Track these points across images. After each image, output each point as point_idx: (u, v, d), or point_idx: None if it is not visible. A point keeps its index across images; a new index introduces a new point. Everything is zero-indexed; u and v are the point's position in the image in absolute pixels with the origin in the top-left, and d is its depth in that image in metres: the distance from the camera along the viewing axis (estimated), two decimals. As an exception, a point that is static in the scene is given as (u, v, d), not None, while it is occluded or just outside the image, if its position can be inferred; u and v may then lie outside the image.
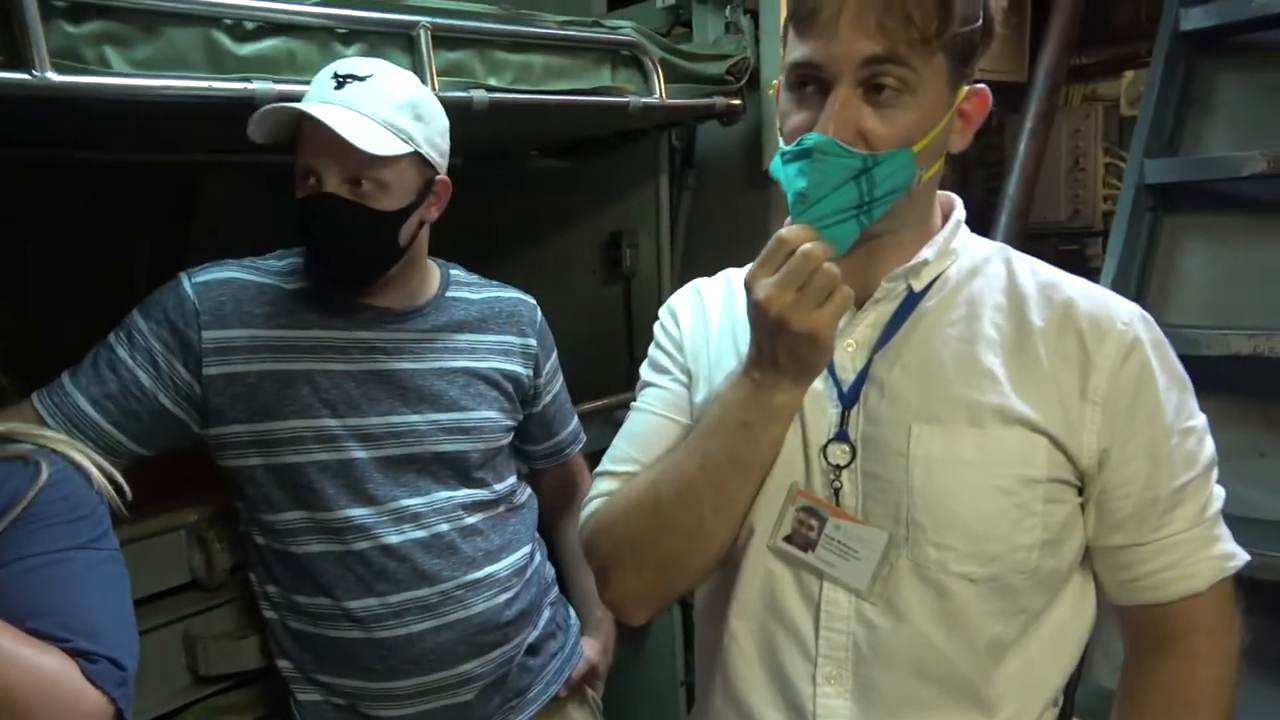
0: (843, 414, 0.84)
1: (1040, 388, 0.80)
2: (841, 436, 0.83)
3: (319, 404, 1.12)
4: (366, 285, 1.15)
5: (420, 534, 1.16)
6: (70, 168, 1.78)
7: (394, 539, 1.14)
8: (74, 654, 0.76)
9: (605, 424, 1.71)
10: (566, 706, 1.34)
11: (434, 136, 1.13)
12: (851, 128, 0.75)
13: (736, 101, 1.75)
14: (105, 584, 0.83)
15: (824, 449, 0.84)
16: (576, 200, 2.11)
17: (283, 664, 1.20)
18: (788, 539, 0.84)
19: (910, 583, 0.81)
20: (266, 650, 1.24)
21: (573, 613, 1.39)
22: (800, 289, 0.74)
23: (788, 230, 0.76)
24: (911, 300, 0.85)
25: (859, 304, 0.85)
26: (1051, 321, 0.82)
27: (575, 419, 1.44)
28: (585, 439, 1.47)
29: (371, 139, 1.04)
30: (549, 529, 1.38)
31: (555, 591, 1.35)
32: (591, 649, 1.38)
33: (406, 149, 1.08)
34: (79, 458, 0.90)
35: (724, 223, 2.02)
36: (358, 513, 1.13)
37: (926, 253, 0.84)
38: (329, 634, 1.15)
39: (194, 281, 1.12)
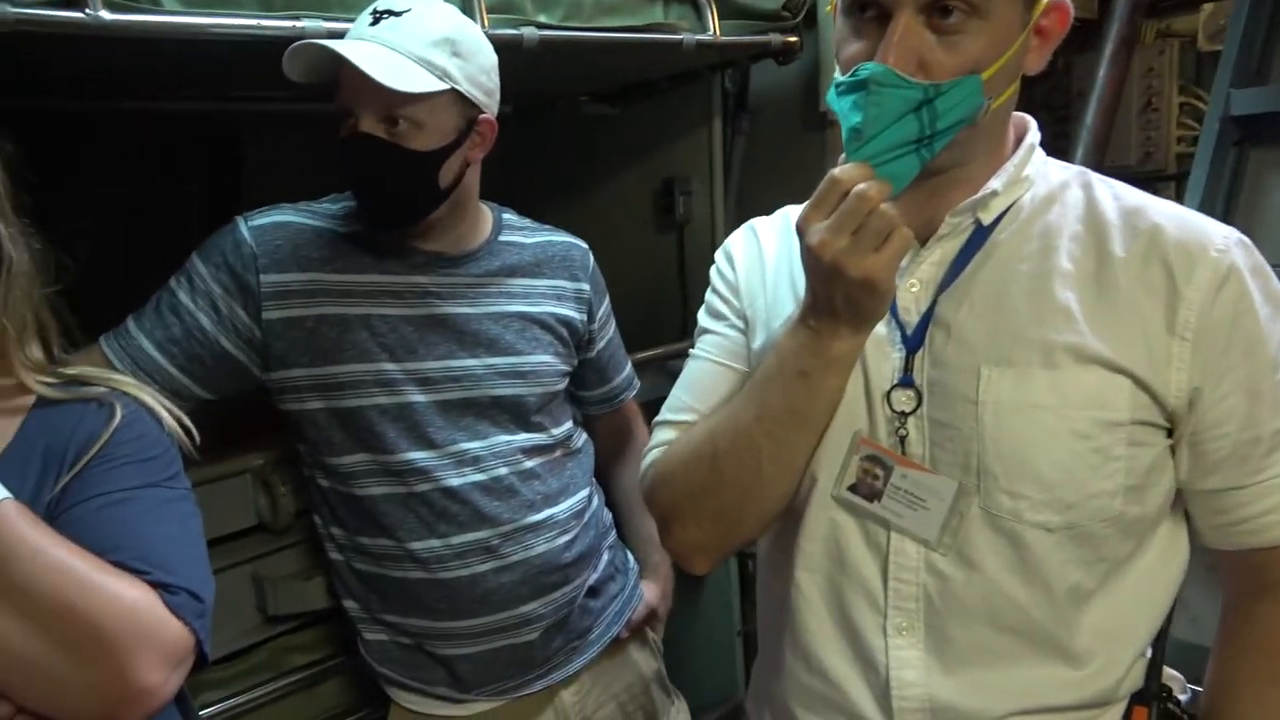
0: (907, 358, 0.81)
1: (1120, 324, 0.75)
2: (906, 382, 0.80)
3: (377, 348, 1.12)
4: (409, 226, 1.14)
5: (480, 477, 1.16)
6: (122, 118, 1.79)
7: (455, 482, 1.14)
8: (154, 585, 0.77)
9: (659, 374, 1.69)
10: (628, 648, 1.35)
11: (476, 74, 1.09)
12: (913, 57, 0.71)
13: (793, 38, 1.69)
14: (179, 520, 0.85)
15: (888, 395, 0.81)
16: (627, 147, 2.07)
17: (349, 604, 1.21)
18: (852, 489, 0.82)
19: (983, 532, 0.78)
20: (333, 591, 1.26)
21: (631, 557, 1.39)
22: (855, 233, 0.70)
23: (841, 169, 0.71)
24: (980, 235, 0.81)
25: (923, 241, 0.81)
26: (1135, 252, 0.77)
27: (629, 365, 1.43)
28: (639, 385, 1.45)
29: (402, 76, 1.01)
30: (604, 475, 1.38)
31: (613, 535, 1.35)
32: (651, 592, 1.38)
33: (441, 86, 1.05)
34: (149, 400, 0.91)
35: (779, 168, 1.97)
36: (418, 455, 1.13)
37: (995, 183, 0.79)
38: (393, 575, 1.16)
39: (250, 225, 1.12)
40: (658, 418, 0.94)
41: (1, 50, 1.07)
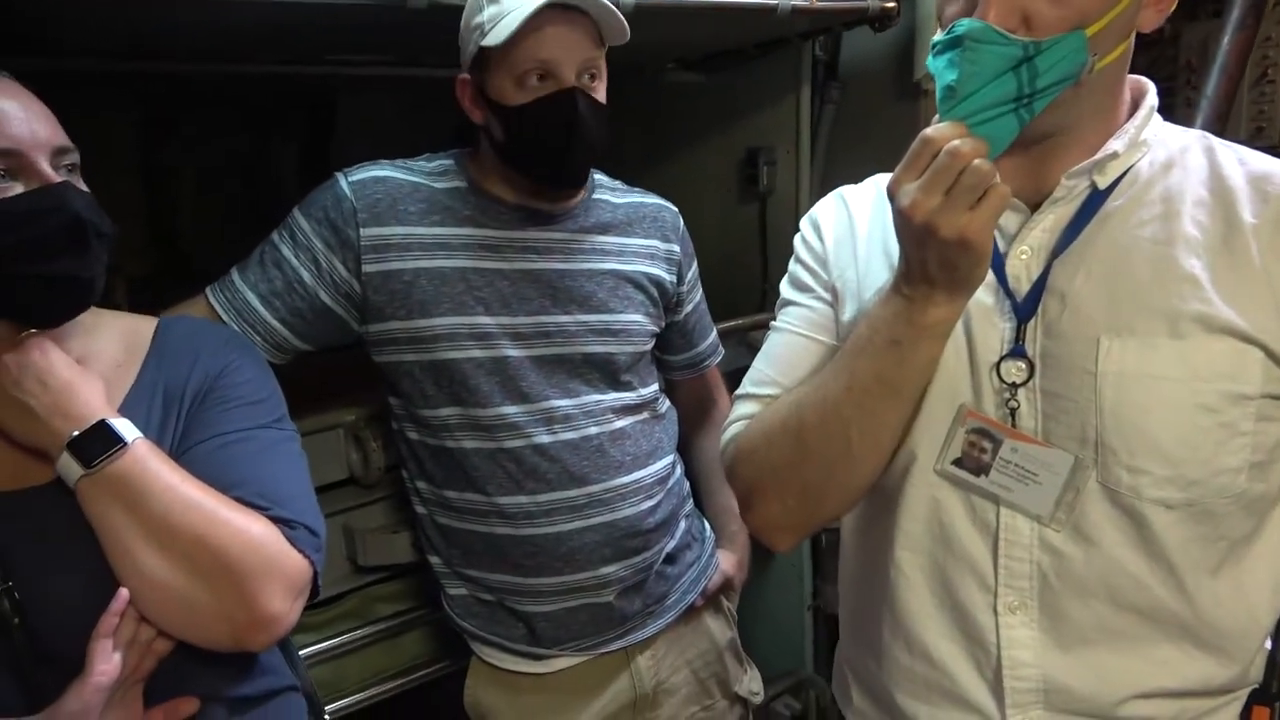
0: (1017, 328, 0.78)
1: (1253, 292, 0.72)
2: (1017, 352, 0.77)
3: (473, 301, 1.13)
4: (580, 185, 1.17)
5: (571, 435, 1.16)
6: (219, 81, 1.84)
7: (545, 439, 1.15)
8: (274, 520, 0.81)
9: (739, 344, 1.68)
10: (703, 616, 1.35)
11: None
12: (1015, 12, 0.68)
13: (891, 3, 1.63)
14: (291, 460, 0.88)
15: (996, 366, 0.78)
16: (711, 116, 2.04)
17: (433, 559, 1.24)
18: (957, 463, 0.79)
19: (1100, 507, 0.75)
20: (418, 545, 1.29)
21: (707, 526, 1.39)
22: (948, 191, 0.67)
23: (933, 129, 0.69)
24: (1095, 200, 0.77)
25: (1034, 207, 0.78)
26: (1266, 218, 0.73)
27: (714, 332, 1.42)
28: (724, 352, 1.44)
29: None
30: (684, 442, 1.38)
31: (691, 504, 1.35)
32: (728, 562, 1.37)
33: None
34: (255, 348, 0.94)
35: (868, 139, 1.92)
36: (511, 410, 1.14)
37: (1115, 144, 0.76)
38: (477, 529, 1.18)
39: (350, 180, 1.14)
40: (738, 391, 0.92)
41: (111, 18, 1.10)
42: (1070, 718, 0.78)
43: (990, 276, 0.78)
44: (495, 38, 1.03)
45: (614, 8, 1.06)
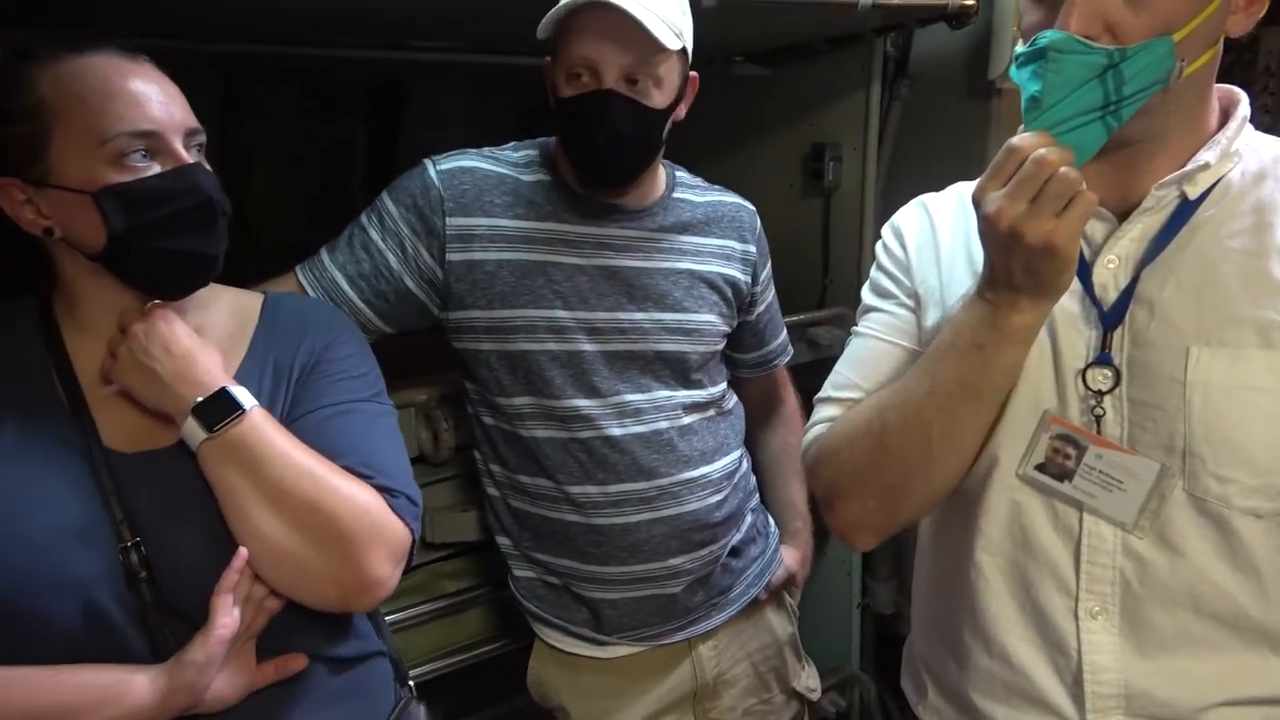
0: (1104, 335, 0.78)
1: None
2: (1103, 360, 0.78)
3: (552, 295, 1.15)
4: (628, 185, 1.16)
5: (641, 429, 1.18)
6: (297, 64, 1.88)
7: (616, 432, 1.17)
8: (378, 489, 0.84)
9: (798, 340, 1.68)
10: (765, 610, 1.37)
11: (691, 32, 1.11)
12: (1097, 20, 0.68)
13: (971, 1, 1.62)
14: (391, 433, 0.92)
15: (1082, 373, 0.79)
16: (777, 109, 2.04)
17: (502, 540, 1.27)
18: (1040, 468, 0.80)
19: (1186, 515, 0.75)
20: (484, 525, 1.32)
21: (772, 521, 1.40)
22: (1034, 199, 0.68)
23: (1019, 138, 0.69)
24: (1185, 210, 0.77)
25: (1120, 216, 0.78)
26: None
27: (784, 331, 1.43)
28: (793, 351, 1.45)
29: (663, 31, 1.03)
30: (751, 439, 1.39)
31: (756, 499, 1.36)
32: (791, 558, 1.39)
33: (680, 44, 1.07)
34: None
35: (938, 138, 1.90)
36: (584, 403, 1.16)
37: (1207, 155, 0.75)
38: (548, 515, 1.20)
39: (439, 169, 1.16)
40: (820, 394, 0.93)
41: (202, 3, 1.13)
42: None
43: (1076, 284, 0.78)
44: (543, 30, 1.05)
45: (670, 14, 1.05)
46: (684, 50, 1.09)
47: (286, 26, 1.51)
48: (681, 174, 1.29)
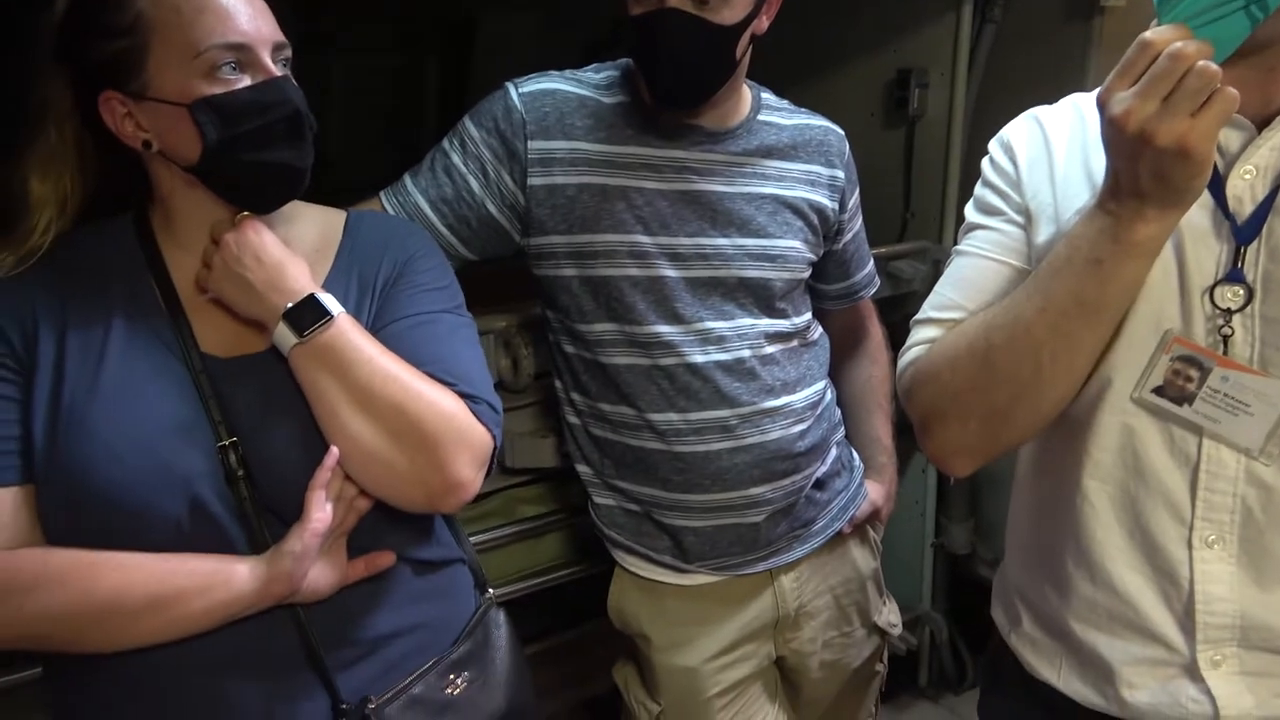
0: (1237, 251, 0.73)
1: None
2: (1234, 277, 0.73)
3: (633, 220, 1.13)
4: (701, 104, 1.12)
5: (723, 357, 1.16)
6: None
7: (699, 359, 1.15)
8: (461, 396, 0.86)
9: (878, 275, 1.63)
10: (848, 544, 1.35)
11: None
12: None
13: (1077, -91, 1.51)
14: (472, 343, 0.93)
15: (1210, 291, 0.74)
16: (861, 33, 1.95)
17: (582, 469, 1.27)
18: (1157, 391, 0.76)
19: None
20: (563, 452, 1.33)
21: (856, 455, 1.37)
22: (1168, 97, 0.62)
23: (1152, 31, 0.64)
24: None
25: (1260, 124, 0.72)
26: None
27: (871, 262, 1.38)
28: (880, 284, 1.40)
29: None
30: (835, 372, 1.36)
31: (841, 432, 1.34)
32: (875, 492, 1.37)
33: None
34: None
35: (1032, 63, 1.80)
36: (665, 329, 1.15)
37: None
38: (630, 442, 1.20)
39: (521, 92, 1.14)
40: (918, 315, 0.90)
41: None
42: (1267, 655, 0.76)
43: (1206, 197, 0.73)
44: None
45: None
46: None
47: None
48: (768, 96, 1.24)
